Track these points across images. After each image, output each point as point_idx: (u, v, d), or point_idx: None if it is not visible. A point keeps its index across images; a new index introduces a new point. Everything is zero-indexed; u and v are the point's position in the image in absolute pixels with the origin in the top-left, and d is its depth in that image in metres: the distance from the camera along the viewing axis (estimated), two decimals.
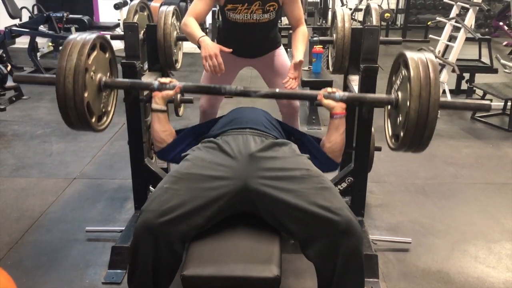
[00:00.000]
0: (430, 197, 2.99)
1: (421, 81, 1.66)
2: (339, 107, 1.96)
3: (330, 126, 2.00)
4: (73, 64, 1.72)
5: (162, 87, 2.00)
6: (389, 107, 1.98)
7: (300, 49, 2.36)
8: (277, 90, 2.16)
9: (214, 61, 2.11)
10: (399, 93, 1.84)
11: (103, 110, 1.99)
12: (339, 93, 1.96)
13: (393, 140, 1.92)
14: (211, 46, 2.15)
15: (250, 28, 2.41)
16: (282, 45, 2.67)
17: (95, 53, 1.85)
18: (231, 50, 2.24)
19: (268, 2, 2.33)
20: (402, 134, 1.76)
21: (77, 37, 1.80)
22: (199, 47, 2.20)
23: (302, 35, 2.43)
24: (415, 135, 1.71)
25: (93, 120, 1.87)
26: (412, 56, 1.73)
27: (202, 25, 2.40)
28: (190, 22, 2.30)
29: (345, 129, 2.04)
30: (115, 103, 2.10)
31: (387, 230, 2.60)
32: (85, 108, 1.78)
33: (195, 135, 2.10)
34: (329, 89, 1.97)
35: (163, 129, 2.05)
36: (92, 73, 1.83)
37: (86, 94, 1.77)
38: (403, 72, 1.81)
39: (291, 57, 2.43)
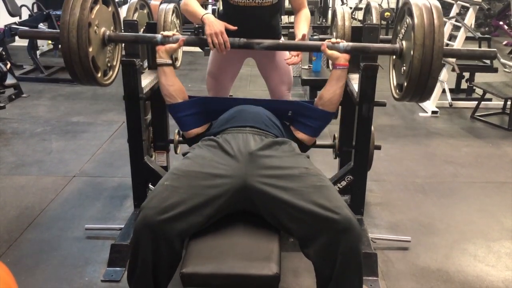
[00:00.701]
0: (430, 196, 2.99)
1: (425, 29, 1.64)
2: (343, 58, 1.98)
3: (332, 77, 2.02)
4: (76, 18, 1.70)
5: (165, 40, 2.02)
6: (393, 57, 1.96)
7: (302, 27, 2.33)
8: (281, 41, 2.15)
9: (220, 39, 2.03)
10: (404, 42, 1.82)
11: (108, 64, 1.98)
12: (343, 43, 1.96)
13: (397, 91, 1.91)
14: (216, 23, 2.06)
15: (252, 12, 2.36)
16: (282, 37, 2.63)
17: (97, 6, 1.82)
18: (236, 28, 2.19)
19: None
20: (406, 83, 1.74)
21: None
22: (202, 26, 2.14)
23: (304, 16, 2.41)
24: (419, 84, 1.69)
25: (99, 75, 1.86)
26: (416, 2, 1.71)
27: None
28: (191, 2, 2.24)
29: (345, 127, 2.04)
30: (120, 57, 2.09)
31: (386, 228, 2.60)
32: (90, 63, 1.77)
33: (204, 107, 2.11)
34: (333, 40, 1.99)
35: (170, 83, 2.06)
36: (95, 27, 1.81)
37: (90, 49, 1.76)
38: (407, 20, 1.79)
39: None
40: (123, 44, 2.17)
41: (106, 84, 1.93)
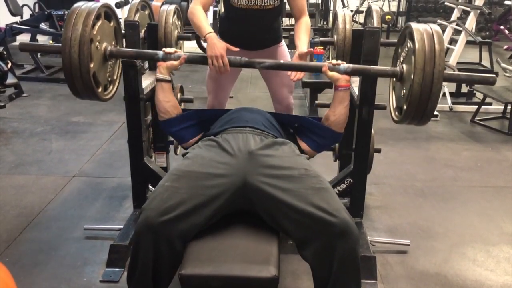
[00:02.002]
0: (429, 199, 2.99)
1: (426, 54, 1.65)
2: (344, 79, 1.98)
3: (335, 98, 2.03)
4: (78, 34, 1.70)
5: (167, 57, 2.02)
6: (393, 79, 1.97)
7: (303, 40, 2.32)
8: (282, 61, 2.15)
9: (220, 62, 2.05)
10: (404, 66, 1.83)
11: (109, 79, 1.98)
12: (344, 65, 1.97)
13: (396, 113, 1.92)
14: (218, 46, 2.07)
15: (254, 15, 2.36)
16: (283, 40, 2.63)
17: (100, 22, 1.83)
18: (238, 49, 2.20)
19: None
20: (405, 106, 1.75)
21: (82, 5, 1.78)
22: (198, 40, 2.16)
23: (305, 25, 2.39)
24: (418, 108, 1.70)
25: (100, 90, 1.86)
26: (417, 27, 1.72)
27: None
28: (198, 12, 2.24)
29: (345, 130, 2.04)
30: (121, 72, 2.09)
31: (385, 232, 2.60)
32: (91, 78, 1.77)
33: (199, 118, 2.11)
34: (334, 61, 2.00)
35: (166, 99, 2.06)
36: (97, 43, 1.81)
37: (92, 65, 1.76)
38: (408, 44, 1.80)
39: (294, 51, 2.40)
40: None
41: (106, 99, 1.94)
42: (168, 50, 2.03)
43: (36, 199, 2.84)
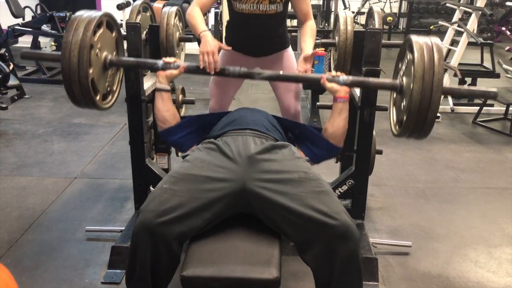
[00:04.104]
0: (431, 201, 2.98)
1: (425, 64, 1.66)
2: (343, 91, 1.96)
3: (333, 110, 2.01)
4: (78, 39, 1.71)
5: (166, 66, 2.01)
6: (394, 94, 1.97)
7: (309, 43, 2.31)
8: (281, 72, 2.13)
9: (210, 58, 2.04)
10: (404, 78, 1.83)
11: (108, 89, 1.98)
12: (343, 76, 1.96)
13: (397, 127, 1.92)
14: (210, 43, 2.08)
15: (257, 20, 2.35)
16: (290, 46, 2.60)
17: (101, 30, 1.83)
18: (230, 48, 2.20)
19: None
20: (405, 117, 1.75)
21: (83, 13, 1.79)
22: (199, 41, 2.17)
23: (310, 29, 2.38)
24: (418, 118, 1.70)
25: (98, 97, 1.86)
26: (417, 39, 1.73)
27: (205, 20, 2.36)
28: (195, 13, 2.25)
29: (347, 131, 2.04)
30: (121, 82, 2.09)
31: (387, 233, 2.60)
32: (90, 84, 1.77)
33: (198, 124, 2.11)
34: (333, 73, 1.98)
35: (165, 108, 2.05)
36: (97, 50, 1.82)
37: (91, 71, 1.77)
38: (408, 56, 1.80)
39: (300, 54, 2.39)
40: (123, 70, 2.16)
41: (104, 108, 1.93)
42: (167, 59, 2.03)
43: (37, 200, 2.84)
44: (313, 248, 1.60)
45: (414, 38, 1.75)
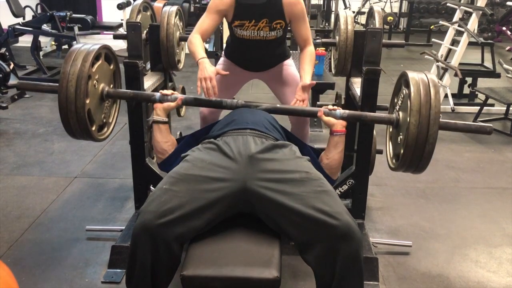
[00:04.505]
0: (431, 201, 2.98)
1: (421, 98, 1.68)
2: (339, 125, 1.96)
3: (329, 143, 1.99)
4: (76, 69, 1.74)
5: (164, 98, 2.02)
6: (390, 129, 1.98)
7: (307, 70, 2.32)
8: (278, 105, 2.16)
9: (208, 84, 2.09)
10: (400, 113, 1.85)
11: (104, 120, 1.99)
12: (340, 110, 1.96)
13: (393, 161, 1.93)
14: (207, 69, 2.13)
15: (257, 45, 2.38)
16: (290, 57, 2.59)
17: (99, 62, 1.87)
18: (227, 73, 2.24)
19: (275, 20, 2.29)
20: (402, 151, 1.76)
21: (82, 46, 1.83)
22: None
23: (310, 55, 2.37)
24: (415, 152, 1.71)
25: (93, 128, 1.88)
26: (413, 75, 1.75)
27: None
28: (195, 40, 2.28)
29: (347, 131, 2.03)
30: (117, 115, 2.11)
31: (387, 233, 2.60)
32: (86, 114, 1.79)
33: (196, 141, 2.06)
34: (330, 106, 1.99)
35: (164, 140, 2.03)
36: (95, 81, 1.84)
37: (87, 101, 1.79)
38: (404, 91, 1.81)
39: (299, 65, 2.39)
40: (120, 101, 2.16)
41: (99, 139, 1.95)
42: (165, 91, 2.03)
43: (38, 200, 2.84)
44: (315, 248, 1.60)
45: (410, 74, 1.76)
